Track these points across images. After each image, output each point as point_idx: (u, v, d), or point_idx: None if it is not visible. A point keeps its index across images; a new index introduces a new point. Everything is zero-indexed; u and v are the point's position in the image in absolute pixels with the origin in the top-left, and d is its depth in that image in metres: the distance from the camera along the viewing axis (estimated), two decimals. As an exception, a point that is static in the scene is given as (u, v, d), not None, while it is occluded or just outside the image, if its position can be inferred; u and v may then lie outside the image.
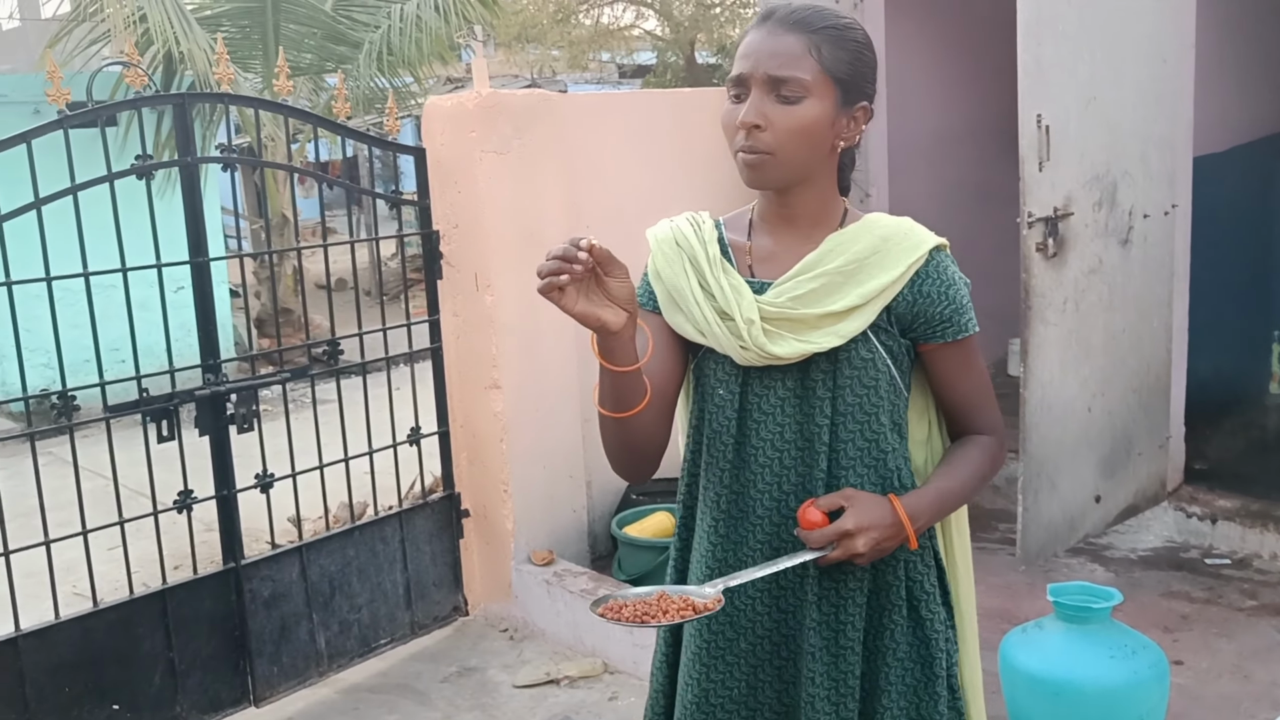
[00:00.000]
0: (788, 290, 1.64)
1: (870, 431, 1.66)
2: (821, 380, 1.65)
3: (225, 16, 8.71)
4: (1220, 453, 5.11)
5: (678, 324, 1.71)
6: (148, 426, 3.41)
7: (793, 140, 1.59)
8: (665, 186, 4.61)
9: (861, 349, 1.64)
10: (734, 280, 1.66)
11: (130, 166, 3.33)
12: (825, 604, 1.68)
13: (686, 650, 1.77)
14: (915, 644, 1.69)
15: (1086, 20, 4.01)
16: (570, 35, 15.99)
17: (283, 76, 3.72)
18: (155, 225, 3.39)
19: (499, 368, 4.08)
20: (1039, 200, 3.93)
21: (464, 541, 4.29)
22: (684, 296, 1.69)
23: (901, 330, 1.66)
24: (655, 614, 1.53)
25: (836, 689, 1.67)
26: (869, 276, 1.62)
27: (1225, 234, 5.16)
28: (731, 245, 1.73)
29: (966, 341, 1.69)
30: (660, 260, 1.73)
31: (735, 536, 1.71)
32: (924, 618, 1.70)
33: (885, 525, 1.59)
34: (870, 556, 1.59)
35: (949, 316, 1.65)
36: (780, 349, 1.63)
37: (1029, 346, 4.00)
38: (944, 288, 1.65)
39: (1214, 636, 3.72)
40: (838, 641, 1.67)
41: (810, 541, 1.59)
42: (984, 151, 6.01)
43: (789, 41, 1.59)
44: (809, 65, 1.58)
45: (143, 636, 3.44)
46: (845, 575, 1.67)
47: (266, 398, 7.67)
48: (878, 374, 1.65)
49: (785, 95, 1.58)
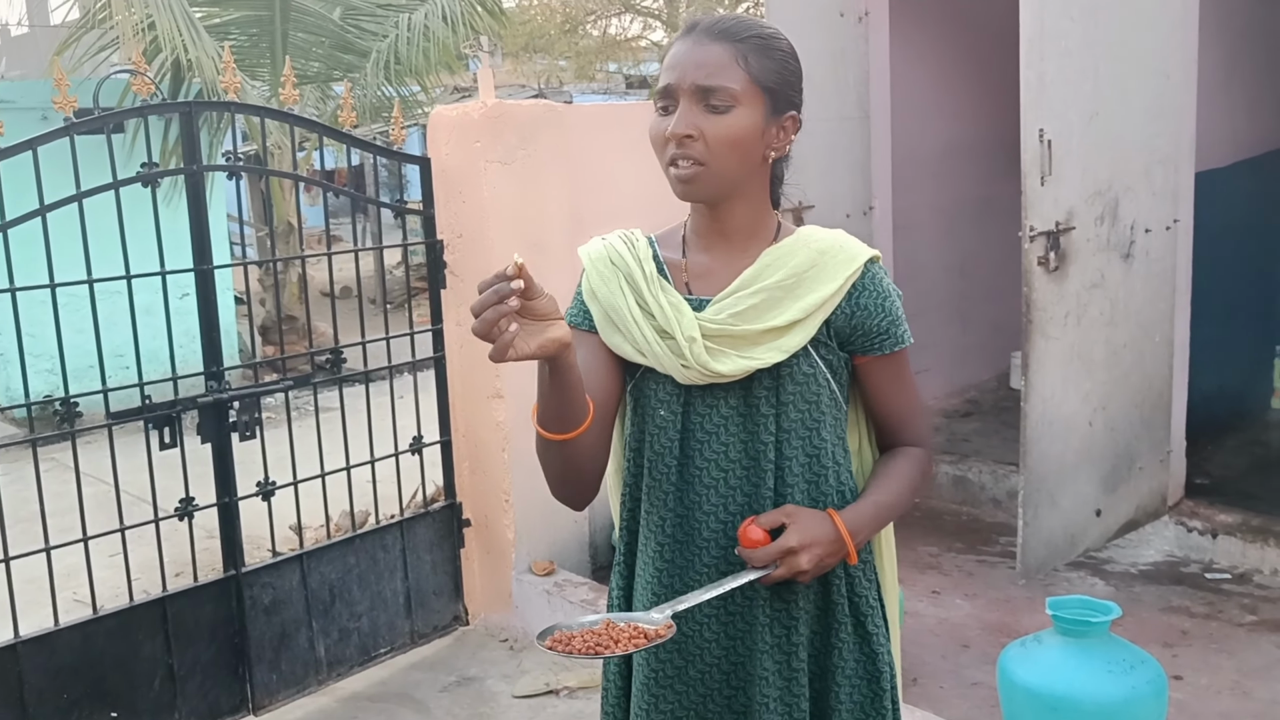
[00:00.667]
0: (728, 307, 1.62)
1: (813, 447, 1.65)
2: (765, 397, 1.63)
3: (234, 25, 8.75)
4: (1221, 468, 5.10)
5: (616, 344, 1.68)
6: (150, 433, 3.42)
7: (724, 150, 1.57)
8: (668, 197, 4.62)
9: (803, 364, 1.63)
10: (672, 298, 1.64)
11: (136, 174, 3.35)
12: (777, 626, 1.65)
13: (636, 679, 1.73)
14: (862, 660, 1.68)
15: (1090, 36, 4.03)
16: (577, 46, 16.06)
17: (289, 85, 3.74)
18: (160, 232, 3.41)
19: (502, 377, 4.09)
20: (1041, 214, 3.94)
21: (465, 551, 4.30)
22: (621, 316, 1.65)
23: (840, 343, 1.65)
24: (606, 644, 1.48)
25: (790, 712, 1.65)
26: (808, 290, 1.61)
27: (1227, 249, 5.16)
28: (667, 262, 1.71)
29: (901, 354, 1.68)
30: (595, 279, 1.70)
31: (682, 560, 1.67)
32: (870, 632, 1.68)
33: (828, 541, 1.57)
34: (814, 573, 1.57)
35: (886, 329, 1.64)
36: (723, 366, 1.60)
37: (1030, 360, 4.00)
38: (880, 299, 1.64)
39: (1214, 652, 3.71)
40: (789, 664, 1.65)
41: (753, 560, 1.56)
42: (988, 166, 6.03)
43: (716, 51, 1.57)
44: (737, 74, 1.57)
45: (142, 643, 3.45)
46: (795, 596, 1.64)
47: (269, 405, 7.69)
48: (819, 388, 1.64)
49: (714, 105, 1.56)
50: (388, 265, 12.83)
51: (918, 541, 4.75)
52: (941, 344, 5.99)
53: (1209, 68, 4.61)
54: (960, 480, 5.26)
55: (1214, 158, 4.95)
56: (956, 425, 5.89)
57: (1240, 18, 5.16)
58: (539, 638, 1.49)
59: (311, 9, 8.70)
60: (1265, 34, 5.46)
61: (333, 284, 4.02)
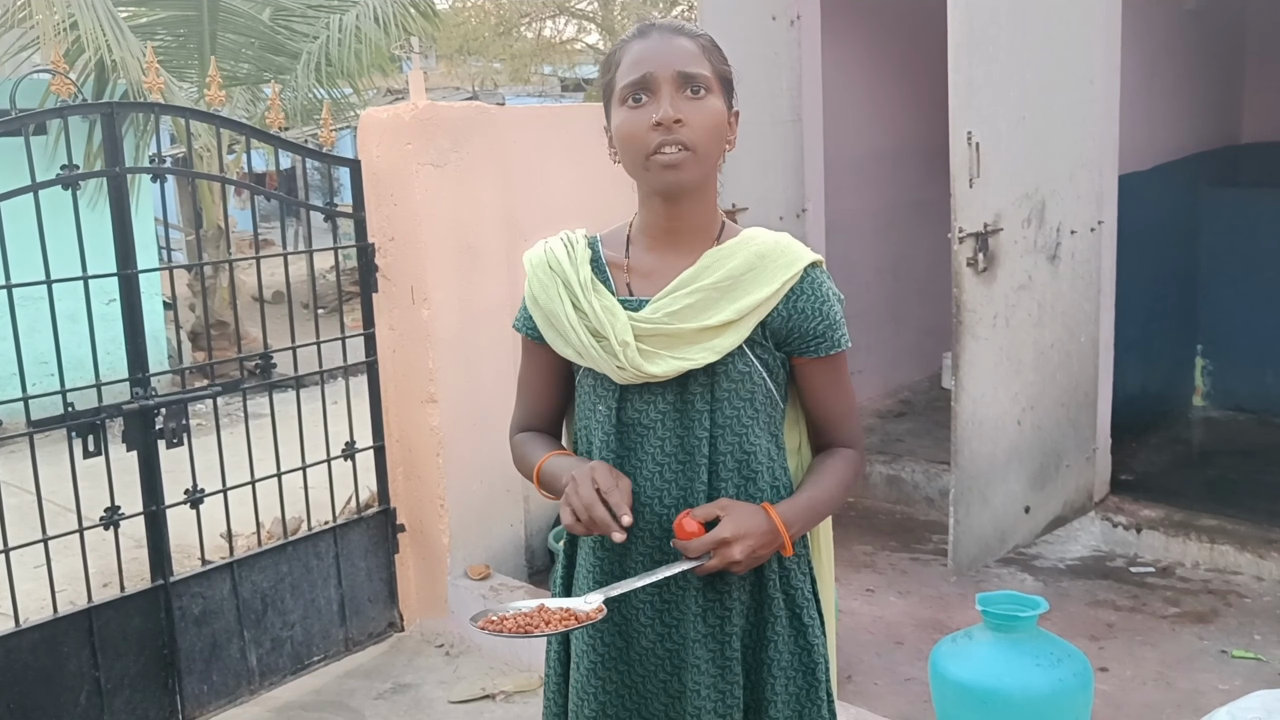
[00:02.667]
0: (664, 306, 1.65)
1: (747, 443, 1.68)
2: (700, 394, 1.67)
3: (160, 25, 8.59)
4: (1145, 464, 5.24)
5: (559, 347, 1.73)
6: (73, 441, 3.34)
7: (708, 134, 1.61)
8: (603, 199, 4.61)
9: (738, 362, 1.66)
10: (606, 301, 1.68)
11: (56, 176, 3.27)
12: (711, 616, 1.69)
13: (580, 665, 1.76)
14: (797, 652, 1.71)
15: (1016, 43, 4.10)
16: (512, 48, 16.01)
17: (214, 86, 3.68)
18: (82, 236, 3.33)
19: (435, 381, 4.06)
20: (970, 216, 4.01)
21: (399, 557, 4.26)
22: (559, 320, 1.70)
23: (776, 344, 1.68)
24: (537, 624, 1.54)
25: (723, 700, 1.68)
26: (744, 293, 1.64)
27: (1150, 251, 5.30)
28: (609, 263, 1.74)
29: (838, 357, 1.72)
30: (535, 285, 1.74)
31: (619, 549, 1.70)
32: (805, 624, 1.72)
33: (761, 533, 1.60)
34: (747, 564, 1.60)
35: (823, 332, 1.68)
36: (656, 368, 1.64)
37: (960, 361, 4.07)
38: (818, 304, 1.67)
39: (1138, 644, 3.80)
40: (723, 653, 1.68)
41: (688, 551, 1.59)
42: (919, 170, 6.11)
43: (684, 43, 1.63)
44: (707, 64, 1.63)
45: (68, 656, 3.37)
46: (728, 587, 1.68)
47: (198, 412, 7.56)
48: (754, 387, 1.67)
49: (695, 90, 1.60)
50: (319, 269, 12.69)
51: (853, 540, 4.80)
52: (875, 345, 6.06)
53: (1131, 74, 4.72)
54: (894, 479, 5.33)
55: (1136, 161, 5.08)
56: (890, 425, 5.97)
57: (1160, 28, 5.31)
58: (472, 619, 1.55)
59: (241, 9, 8.57)
60: (1184, 43, 5.62)
61: (262, 288, 3.96)
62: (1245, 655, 3.68)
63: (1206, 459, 5.52)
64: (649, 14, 15.83)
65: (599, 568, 1.72)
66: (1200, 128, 5.95)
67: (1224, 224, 5.95)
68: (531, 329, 1.78)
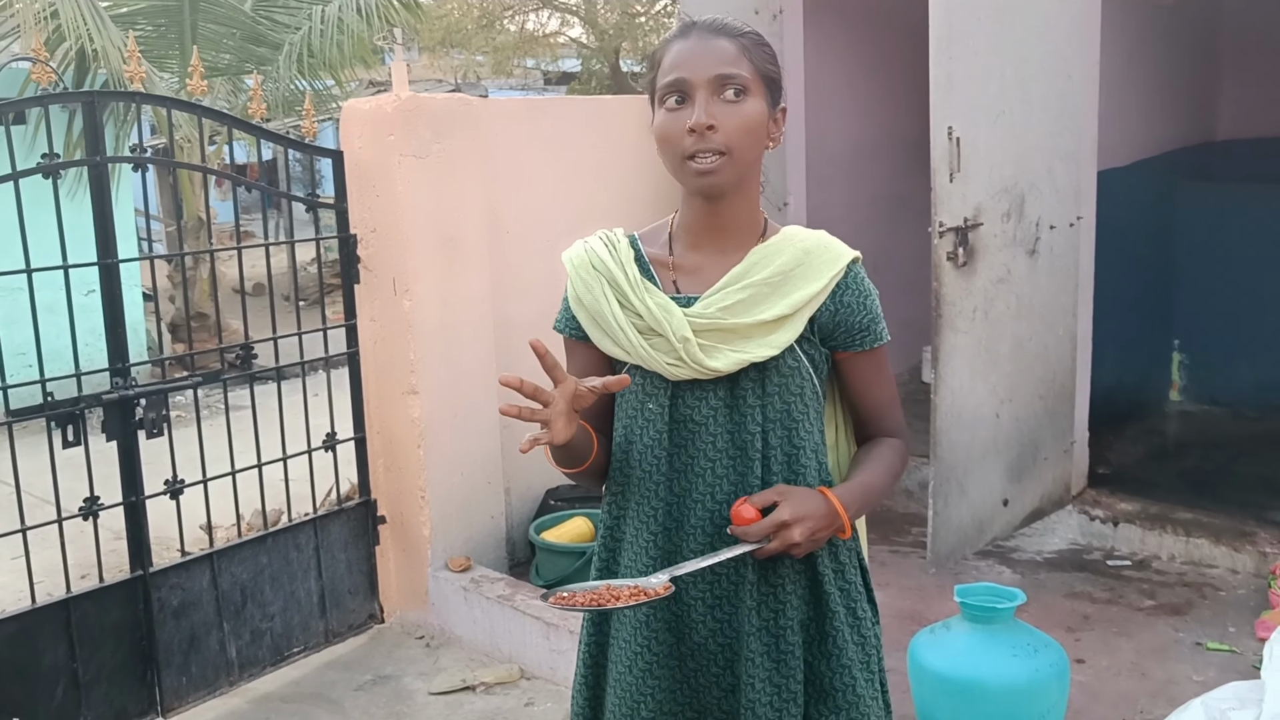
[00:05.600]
0: (716, 301, 1.67)
1: (798, 438, 1.70)
2: (751, 389, 1.68)
3: (141, 14, 8.54)
4: (1122, 458, 5.28)
5: (605, 346, 1.73)
6: (52, 431, 3.33)
7: (743, 137, 1.62)
8: (585, 192, 4.64)
9: (788, 358, 1.68)
10: (659, 299, 1.68)
11: (36, 165, 3.25)
12: (765, 609, 1.70)
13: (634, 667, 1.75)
14: (855, 645, 1.73)
15: (996, 37, 4.12)
16: (495, 41, 15.94)
17: (196, 76, 3.67)
18: (62, 226, 3.32)
19: (417, 373, 4.06)
20: (950, 210, 4.03)
21: (380, 548, 4.26)
22: (605, 319, 1.71)
23: (822, 339, 1.71)
24: (607, 600, 1.55)
25: (779, 693, 1.69)
26: (794, 288, 1.66)
27: (1128, 246, 5.34)
28: (652, 261, 1.75)
29: (879, 350, 1.75)
30: (579, 286, 1.74)
31: (670, 546, 1.72)
32: (859, 617, 1.75)
33: (820, 515, 1.62)
34: (806, 547, 1.61)
35: (867, 325, 1.71)
36: (718, 362, 1.65)
37: (939, 354, 4.09)
38: (862, 298, 1.71)
39: (1114, 635, 3.84)
40: (778, 646, 1.69)
41: (747, 536, 1.60)
42: (899, 163, 6.13)
43: (724, 44, 1.63)
44: (746, 65, 1.63)
45: (45, 648, 3.35)
46: (782, 580, 1.69)
47: (178, 404, 7.53)
48: (803, 381, 1.70)
49: (732, 93, 1.61)
50: (301, 261, 12.65)
51: (832, 533, 4.81)
52: (855, 339, 6.06)
53: (1109, 70, 4.75)
54: (873, 472, 5.34)
55: (1115, 157, 5.11)
56: (870, 419, 5.98)
57: (1137, 23, 5.34)
58: (544, 596, 1.57)
59: (222, 0, 8.52)
60: (1162, 40, 5.65)
61: (243, 279, 3.95)
62: (1219, 647, 3.72)
63: (1183, 452, 5.57)
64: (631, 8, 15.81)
65: (653, 567, 1.71)
66: (1178, 124, 5.99)
67: (1201, 220, 5.99)
68: (574, 329, 1.78)
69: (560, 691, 3.69)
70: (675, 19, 13.51)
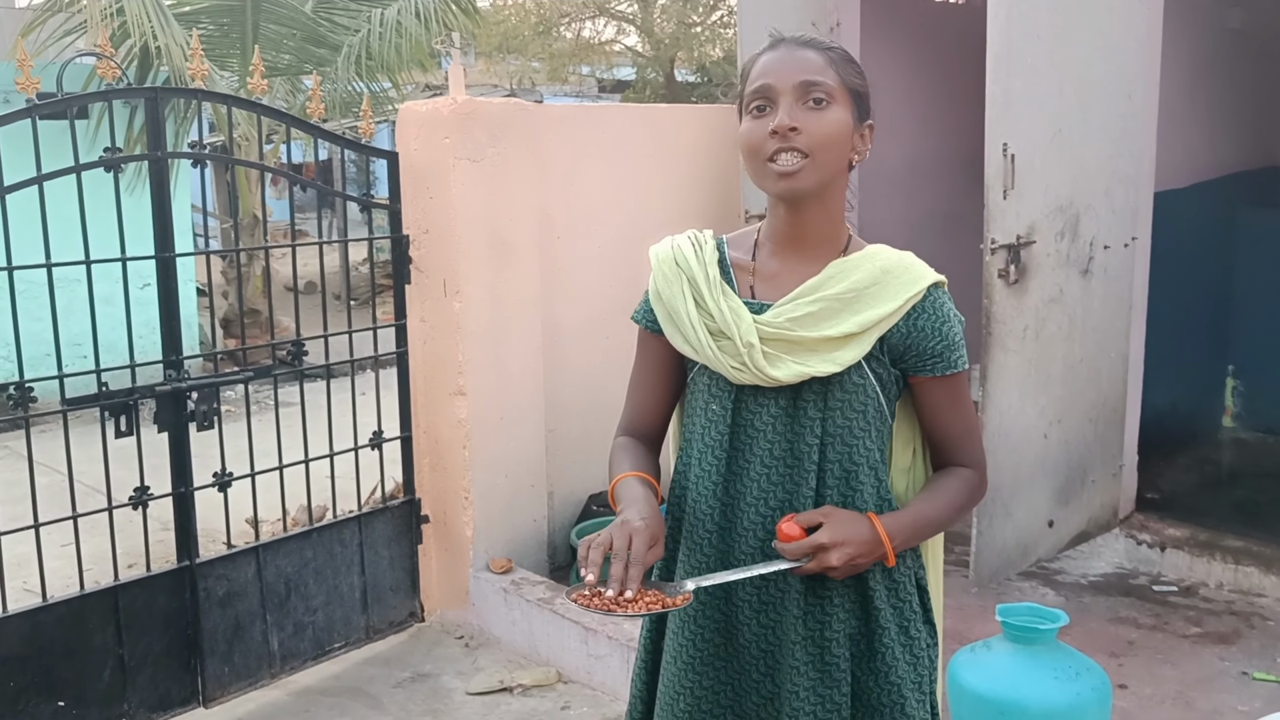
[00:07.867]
0: (786, 312, 1.67)
1: (857, 455, 1.70)
2: (813, 401, 1.69)
3: (204, 13, 8.67)
4: (1172, 483, 5.19)
5: (676, 342, 1.76)
6: (105, 421, 3.39)
7: (825, 144, 1.63)
8: (638, 200, 4.65)
9: (854, 374, 1.68)
10: (733, 303, 1.70)
11: (98, 159, 3.32)
12: (811, 620, 1.71)
13: (678, 659, 1.78)
14: (907, 665, 1.73)
15: (1055, 55, 4.08)
16: (551, 48, 16.05)
17: (257, 75, 3.72)
18: (121, 219, 3.39)
19: (464, 374, 4.09)
20: (1003, 228, 3.99)
21: (423, 547, 4.29)
22: (679, 316, 1.73)
23: (893, 360, 1.70)
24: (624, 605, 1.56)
25: (823, 705, 1.69)
26: (866, 306, 1.66)
27: (1183, 269, 5.26)
28: (734, 264, 1.77)
29: (956, 377, 1.73)
30: (660, 280, 1.77)
31: (723, 546, 1.74)
32: (912, 637, 1.74)
33: (861, 541, 1.62)
34: (844, 571, 1.62)
35: (940, 352, 1.69)
36: (779, 372, 1.66)
37: (988, 373, 4.05)
38: (938, 324, 1.69)
39: (1158, 663, 3.78)
40: (823, 659, 1.70)
41: (786, 553, 1.63)
42: (955, 181, 6.09)
43: (810, 55, 1.66)
44: (832, 75, 1.65)
45: (93, 632, 3.41)
46: (829, 593, 1.70)
47: (229, 398, 7.63)
48: (867, 399, 1.69)
49: (816, 100, 1.63)
50: (353, 261, 12.79)
51: (873, 549, 4.78)
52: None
53: (1170, 92, 4.69)
54: (917, 489, 5.30)
55: (1173, 179, 5.04)
56: (915, 435, 5.94)
57: (1202, 45, 5.27)
58: (568, 592, 1.59)
59: (284, 1, 8.64)
60: (1225, 62, 5.57)
61: (296, 277, 4.00)
62: (1266, 678, 3.65)
63: (1234, 480, 5.47)
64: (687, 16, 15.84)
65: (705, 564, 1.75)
66: (1239, 147, 5.89)
67: (1261, 245, 5.89)
68: (651, 321, 1.81)
69: (597, 697, 3.70)
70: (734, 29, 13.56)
